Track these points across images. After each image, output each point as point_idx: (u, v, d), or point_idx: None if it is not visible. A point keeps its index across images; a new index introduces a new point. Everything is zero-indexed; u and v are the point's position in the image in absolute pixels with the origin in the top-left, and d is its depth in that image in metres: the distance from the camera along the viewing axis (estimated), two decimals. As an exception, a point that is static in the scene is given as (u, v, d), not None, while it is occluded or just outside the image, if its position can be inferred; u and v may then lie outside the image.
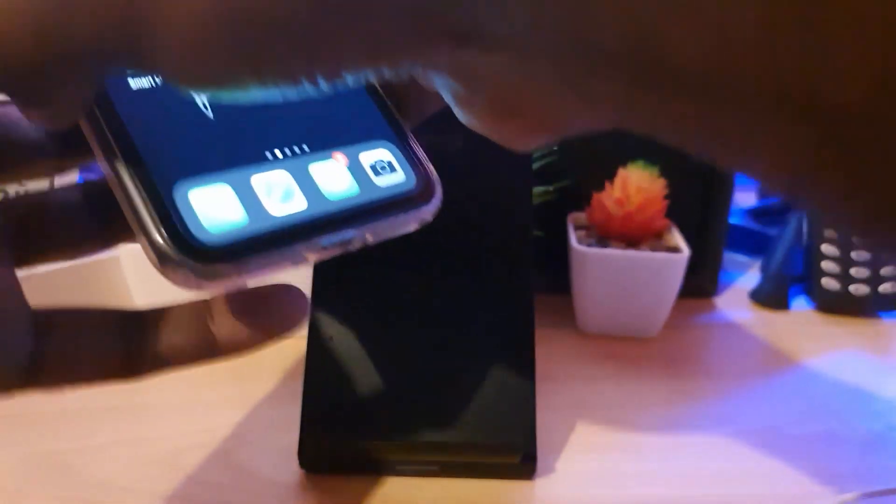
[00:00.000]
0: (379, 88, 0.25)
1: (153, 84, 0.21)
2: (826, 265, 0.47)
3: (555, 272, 0.45)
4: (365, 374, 0.32)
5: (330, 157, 0.22)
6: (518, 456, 0.31)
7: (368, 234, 0.21)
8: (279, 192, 0.20)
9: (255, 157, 0.21)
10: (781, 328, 0.47)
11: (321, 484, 0.32)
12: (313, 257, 0.20)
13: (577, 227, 0.46)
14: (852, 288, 0.47)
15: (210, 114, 0.21)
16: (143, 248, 0.19)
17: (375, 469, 0.32)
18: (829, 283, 0.47)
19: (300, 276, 0.36)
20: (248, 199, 0.20)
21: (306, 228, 0.20)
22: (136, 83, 0.21)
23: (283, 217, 0.20)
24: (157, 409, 0.37)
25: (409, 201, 0.22)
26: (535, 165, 0.42)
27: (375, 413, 0.31)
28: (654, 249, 0.43)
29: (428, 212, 0.22)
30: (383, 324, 0.32)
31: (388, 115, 0.24)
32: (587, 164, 0.45)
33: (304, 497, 0.31)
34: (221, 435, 0.35)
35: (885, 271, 0.46)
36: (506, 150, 0.36)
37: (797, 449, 0.35)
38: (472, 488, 0.31)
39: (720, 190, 0.47)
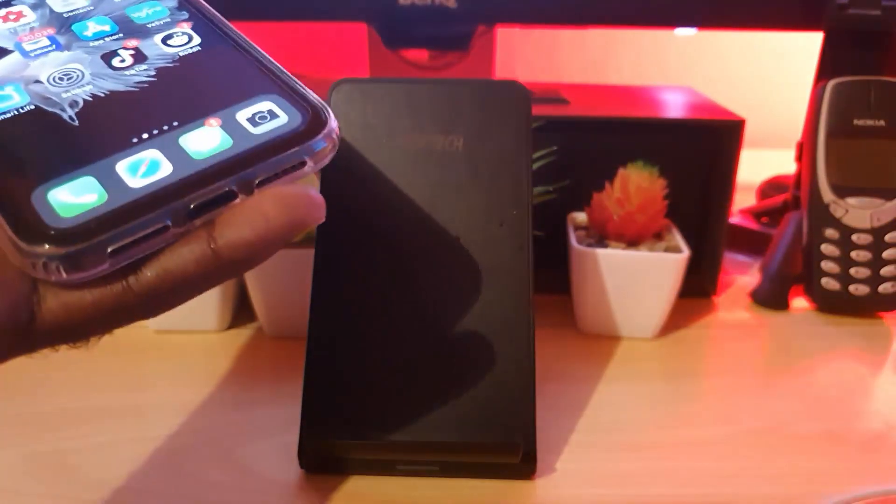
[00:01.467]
0: (253, 45, 0.25)
1: (18, 110, 0.22)
2: (826, 265, 0.47)
3: (555, 272, 0.45)
4: (365, 374, 0.32)
5: (202, 124, 0.22)
6: (518, 456, 0.31)
7: (251, 184, 0.21)
8: (143, 168, 0.20)
9: (121, 146, 0.21)
10: (781, 328, 0.47)
11: (321, 483, 0.32)
12: (188, 224, 0.20)
13: (576, 227, 0.46)
14: (852, 288, 0.47)
15: (76, 122, 0.22)
16: (9, 253, 0.19)
17: (375, 469, 0.32)
18: (828, 283, 0.47)
19: (300, 282, 0.36)
20: (111, 181, 0.20)
21: (171, 191, 0.20)
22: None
23: (143, 186, 0.20)
24: (157, 409, 0.37)
25: (293, 139, 0.22)
26: (535, 165, 0.42)
27: (375, 413, 0.31)
28: (653, 250, 0.43)
29: (319, 147, 0.22)
30: (383, 323, 0.32)
31: (268, 69, 0.24)
32: (587, 164, 0.45)
33: (305, 496, 0.31)
34: (222, 434, 0.35)
35: (884, 271, 0.46)
36: (506, 150, 0.36)
37: (797, 449, 0.35)
38: (472, 488, 0.31)
39: (720, 190, 0.47)
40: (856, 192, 0.47)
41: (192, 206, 0.20)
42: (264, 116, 0.22)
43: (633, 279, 0.42)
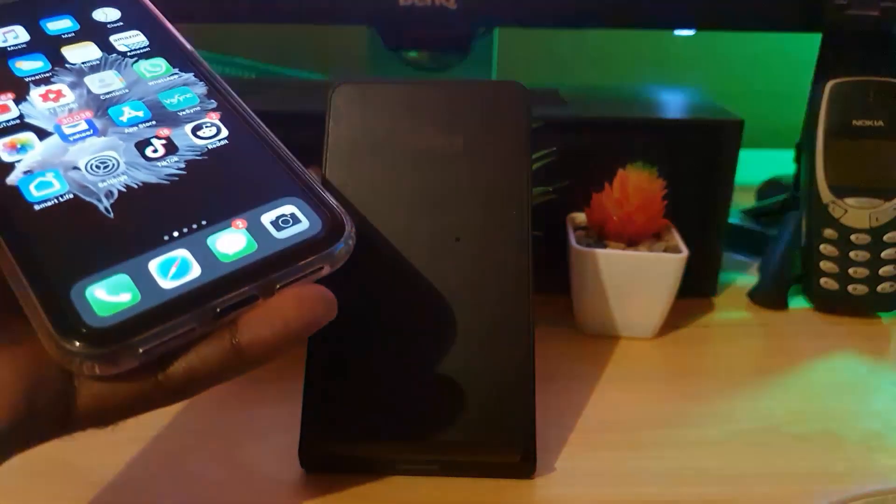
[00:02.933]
0: (275, 139, 0.25)
1: (58, 199, 0.22)
2: (824, 265, 0.47)
3: (554, 272, 0.45)
4: (365, 373, 0.32)
5: (229, 225, 0.23)
6: (517, 455, 0.31)
7: (272, 288, 0.22)
8: (174, 268, 0.21)
9: (153, 244, 0.22)
10: (780, 328, 0.47)
11: (322, 483, 0.32)
12: (210, 325, 0.21)
13: (576, 228, 0.46)
14: (851, 288, 0.47)
15: (111, 215, 0.22)
16: (46, 344, 0.20)
17: (376, 468, 0.32)
18: (827, 283, 0.47)
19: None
20: (144, 281, 0.21)
21: (200, 294, 0.21)
22: (38, 204, 0.22)
23: (174, 288, 0.21)
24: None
25: (314, 245, 0.23)
26: (535, 165, 0.42)
27: (375, 412, 0.31)
28: (652, 250, 0.43)
29: (337, 251, 0.23)
30: (383, 323, 0.32)
31: (291, 169, 0.25)
32: (587, 165, 0.45)
33: (305, 496, 0.31)
34: (222, 434, 0.35)
35: (883, 271, 0.46)
36: (505, 150, 0.36)
37: (796, 448, 0.35)
38: (471, 487, 0.32)
39: (719, 190, 0.48)
40: (855, 193, 0.47)
41: (217, 310, 0.21)
42: (287, 220, 0.23)
43: (633, 279, 0.43)
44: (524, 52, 0.77)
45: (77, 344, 0.19)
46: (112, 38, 0.28)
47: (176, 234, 0.22)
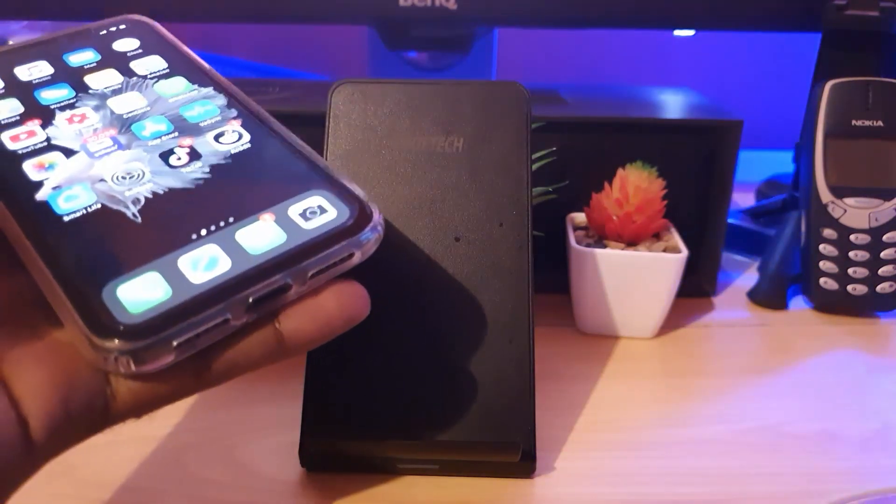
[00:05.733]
0: (299, 141, 0.26)
1: (87, 209, 0.23)
2: (824, 265, 0.47)
3: (554, 272, 0.45)
4: (365, 373, 0.32)
5: (257, 219, 0.23)
6: (517, 454, 0.31)
7: (304, 276, 0.22)
8: (204, 263, 0.22)
9: (182, 243, 0.22)
10: (779, 328, 0.47)
11: (322, 482, 0.32)
12: (247, 315, 0.21)
13: (575, 228, 0.46)
14: (850, 288, 0.47)
15: (139, 220, 0.23)
16: (81, 347, 0.20)
17: (376, 467, 0.32)
18: (826, 283, 0.47)
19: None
20: (174, 277, 0.21)
21: (230, 286, 0.21)
22: (68, 216, 0.23)
23: (205, 282, 0.21)
24: (157, 409, 0.37)
25: (342, 233, 0.23)
26: (535, 165, 0.42)
27: (376, 412, 0.31)
28: (652, 250, 0.43)
29: (366, 238, 0.23)
30: (383, 323, 0.32)
31: (315, 165, 0.25)
32: (586, 165, 0.45)
33: (305, 495, 0.31)
34: (222, 433, 0.35)
35: (882, 271, 0.47)
36: (505, 151, 0.36)
37: (795, 448, 0.35)
38: (471, 486, 0.32)
39: (718, 190, 0.48)
40: (854, 193, 0.47)
41: (250, 300, 0.21)
42: (314, 211, 0.23)
43: (632, 279, 0.43)
44: (524, 52, 0.77)
45: (111, 341, 0.20)
46: (132, 64, 0.29)
47: (204, 232, 0.23)
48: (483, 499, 0.31)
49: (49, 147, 0.26)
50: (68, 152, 0.25)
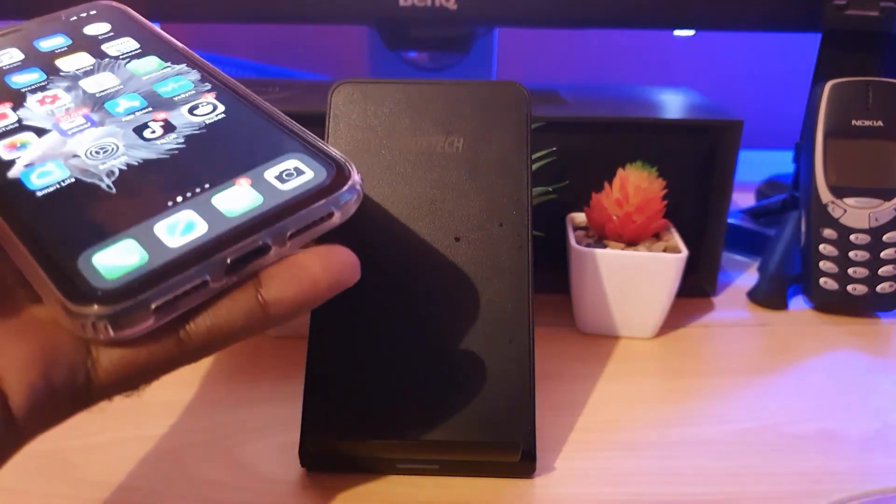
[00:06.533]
0: (274, 109, 0.26)
1: (60, 184, 0.23)
2: (824, 265, 0.47)
3: (554, 272, 0.45)
4: (366, 372, 0.32)
5: (233, 184, 0.23)
6: (517, 454, 0.31)
7: (283, 236, 0.22)
8: (180, 228, 0.22)
9: (157, 210, 0.22)
10: (779, 328, 0.47)
11: (322, 482, 0.32)
12: (226, 278, 0.21)
13: (576, 228, 0.46)
14: (850, 288, 0.47)
15: (113, 191, 0.23)
16: (60, 318, 0.20)
17: (376, 467, 0.32)
18: (826, 283, 0.47)
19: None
20: (150, 243, 0.21)
21: (208, 248, 0.21)
22: (41, 191, 0.23)
23: (181, 245, 0.21)
24: (157, 408, 0.37)
25: (320, 192, 0.23)
26: (535, 165, 0.42)
27: (376, 412, 0.31)
28: (652, 250, 0.43)
29: (345, 198, 0.23)
30: (383, 323, 0.32)
31: (290, 130, 0.25)
32: (586, 165, 0.45)
33: (305, 495, 0.31)
34: (222, 433, 0.35)
35: (882, 271, 0.47)
36: (505, 151, 0.36)
37: (795, 448, 0.35)
38: (471, 486, 0.32)
39: (718, 190, 0.48)
40: (854, 193, 0.47)
41: (228, 261, 0.21)
42: (291, 173, 0.23)
43: (632, 279, 0.43)
44: (524, 52, 0.77)
45: (88, 307, 0.20)
46: (103, 47, 0.30)
47: (180, 199, 0.23)
48: (483, 499, 0.31)
49: (21, 128, 0.26)
50: (40, 132, 0.25)
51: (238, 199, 0.22)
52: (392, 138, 0.34)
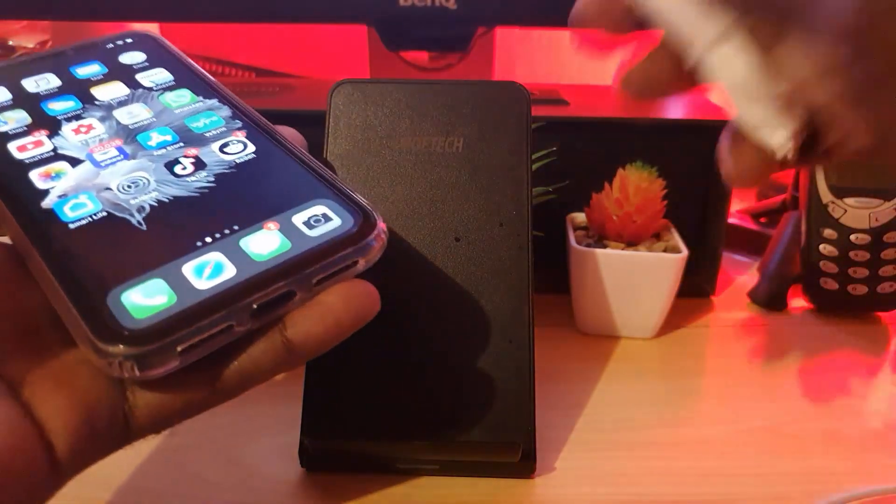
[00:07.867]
0: (303, 151, 0.26)
1: (92, 217, 0.23)
2: (824, 265, 0.47)
3: (554, 272, 0.45)
4: (365, 373, 0.32)
5: (261, 227, 0.23)
6: (517, 455, 0.31)
7: (309, 283, 0.22)
8: (209, 270, 0.22)
9: (186, 250, 0.22)
10: (780, 328, 0.47)
11: (322, 482, 0.32)
12: (252, 322, 0.21)
13: (576, 228, 0.46)
14: (850, 288, 0.47)
15: (144, 227, 0.23)
16: (88, 353, 0.20)
17: (376, 467, 0.32)
18: (827, 283, 0.47)
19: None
20: (179, 284, 0.21)
21: (235, 293, 0.21)
22: (73, 223, 0.23)
23: (209, 288, 0.21)
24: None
25: (347, 241, 0.23)
26: (535, 166, 0.42)
27: (376, 412, 0.31)
28: (652, 250, 0.43)
29: (370, 246, 0.23)
30: (383, 323, 0.32)
31: (319, 174, 0.25)
32: (587, 165, 0.45)
33: (305, 495, 0.31)
34: (222, 433, 0.35)
35: (883, 271, 0.47)
36: (505, 151, 0.36)
37: (795, 448, 0.35)
38: (471, 487, 0.32)
39: (718, 190, 0.48)
40: (854, 193, 0.47)
41: (254, 307, 0.21)
42: (319, 219, 0.24)
43: (632, 279, 0.43)
44: (524, 52, 0.77)
45: (116, 346, 0.20)
46: (138, 77, 0.30)
47: (209, 239, 0.23)
48: (483, 499, 0.31)
49: (56, 157, 0.26)
50: (74, 161, 0.26)
51: (266, 244, 0.23)
52: (392, 138, 0.34)
